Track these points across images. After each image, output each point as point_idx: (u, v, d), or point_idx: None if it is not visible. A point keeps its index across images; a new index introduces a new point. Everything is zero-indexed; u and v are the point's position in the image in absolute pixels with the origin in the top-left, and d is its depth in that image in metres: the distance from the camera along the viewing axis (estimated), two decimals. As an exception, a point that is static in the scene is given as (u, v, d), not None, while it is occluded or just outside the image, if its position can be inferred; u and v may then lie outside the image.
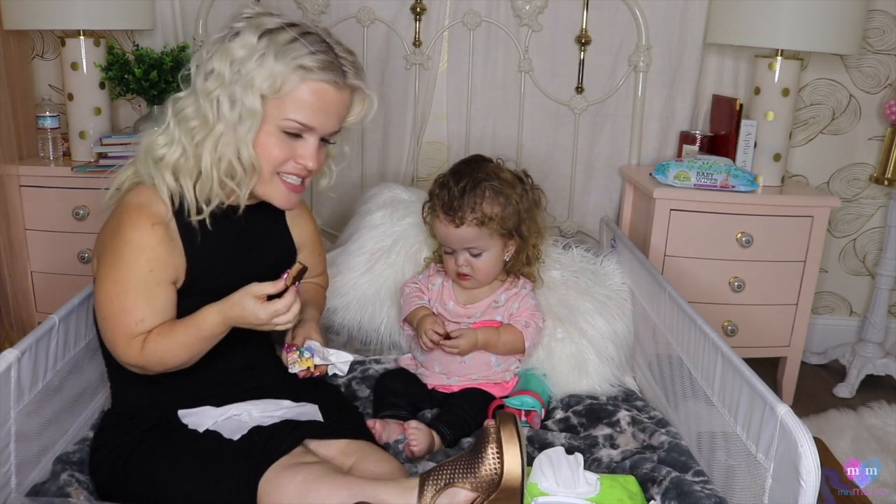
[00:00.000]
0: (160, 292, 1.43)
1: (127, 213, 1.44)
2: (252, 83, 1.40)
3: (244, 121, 1.41)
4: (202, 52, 1.47)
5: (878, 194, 2.88)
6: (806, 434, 1.21)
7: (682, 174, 2.42)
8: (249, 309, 1.39)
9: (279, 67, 1.40)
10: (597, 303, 2.05)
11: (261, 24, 1.43)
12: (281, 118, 1.43)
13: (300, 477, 1.36)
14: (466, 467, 1.32)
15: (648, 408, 1.89)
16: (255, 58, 1.40)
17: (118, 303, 1.41)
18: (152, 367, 1.44)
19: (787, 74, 2.50)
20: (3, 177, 2.42)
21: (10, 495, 1.41)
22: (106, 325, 1.44)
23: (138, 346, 1.42)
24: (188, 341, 1.43)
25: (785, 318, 2.51)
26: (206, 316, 1.42)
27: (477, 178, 1.84)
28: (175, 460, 1.44)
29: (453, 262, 1.89)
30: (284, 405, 1.57)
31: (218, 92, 1.41)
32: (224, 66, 1.41)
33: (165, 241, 1.44)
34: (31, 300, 2.55)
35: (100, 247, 1.48)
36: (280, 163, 1.47)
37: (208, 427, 1.49)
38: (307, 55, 1.41)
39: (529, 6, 2.58)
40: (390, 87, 2.67)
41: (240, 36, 1.42)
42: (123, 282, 1.41)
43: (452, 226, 1.84)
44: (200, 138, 1.43)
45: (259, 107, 1.41)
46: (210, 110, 1.41)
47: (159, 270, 1.43)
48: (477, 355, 1.91)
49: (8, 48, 2.49)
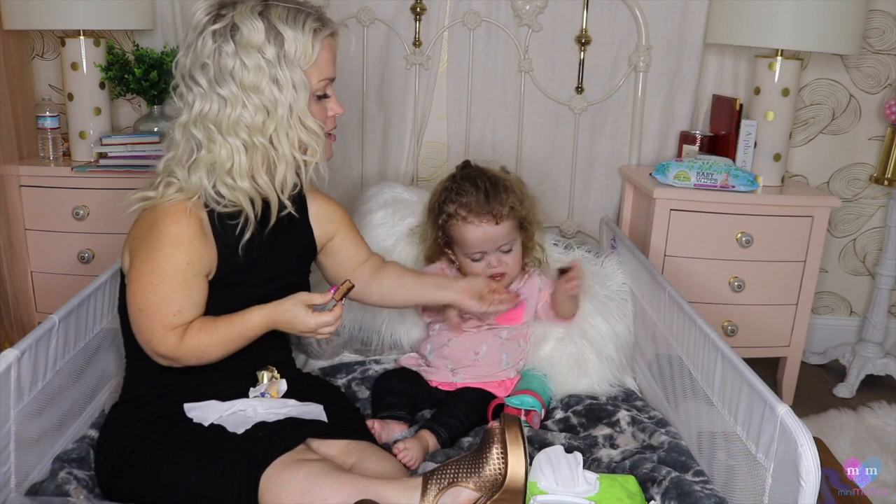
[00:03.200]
0: (196, 284, 1.48)
1: (163, 208, 1.47)
2: (289, 60, 1.47)
3: (298, 95, 1.48)
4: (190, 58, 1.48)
5: (878, 194, 2.88)
6: (806, 434, 1.21)
7: (682, 174, 2.42)
8: (300, 317, 1.48)
9: (300, 37, 1.47)
10: (597, 303, 2.05)
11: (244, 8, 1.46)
12: (315, 83, 1.52)
13: (303, 473, 1.37)
14: (470, 467, 1.32)
15: (648, 408, 1.89)
16: (273, 38, 1.45)
17: (156, 294, 1.44)
18: (188, 360, 1.48)
19: (787, 74, 2.50)
20: (3, 177, 2.42)
21: (9, 495, 1.41)
22: (142, 315, 1.46)
23: (176, 337, 1.46)
24: (230, 338, 1.49)
25: (785, 318, 2.51)
26: (253, 316, 1.49)
27: (490, 177, 1.91)
28: (179, 454, 1.45)
29: (485, 266, 1.91)
30: (290, 403, 1.58)
31: (264, 83, 1.46)
32: (255, 58, 1.45)
33: (201, 235, 1.48)
34: (31, 300, 2.55)
35: (134, 242, 1.50)
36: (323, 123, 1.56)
37: (213, 421, 1.50)
38: (310, 19, 1.49)
39: (529, 6, 2.59)
40: (390, 87, 2.67)
41: (241, 26, 1.45)
42: (161, 273, 1.44)
43: (492, 224, 1.86)
44: (271, 129, 1.48)
45: (304, 77, 1.49)
46: (266, 101, 1.47)
47: (196, 263, 1.47)
48: (490, 351, 1.92)
49: (8, 48, 2.49)
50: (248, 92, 1.46)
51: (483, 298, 1.80)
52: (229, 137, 1.47)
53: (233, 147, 1.47)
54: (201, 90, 1.47)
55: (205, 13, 1.48)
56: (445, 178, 1.98)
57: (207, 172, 1.48)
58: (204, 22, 1.47)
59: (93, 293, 1.70)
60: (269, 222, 1.55)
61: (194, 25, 1.49)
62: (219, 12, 1.48)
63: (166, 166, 1.53)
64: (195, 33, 1.48)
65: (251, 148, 1.48)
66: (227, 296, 1.51)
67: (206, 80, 1.47)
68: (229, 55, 1.45)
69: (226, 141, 1.47)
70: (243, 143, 1.48)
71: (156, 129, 2.58)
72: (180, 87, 1.51)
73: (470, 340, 1.92)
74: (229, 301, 1.52)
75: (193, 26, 1.49)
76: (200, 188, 1.48)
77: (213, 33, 1.46)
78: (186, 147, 1.51)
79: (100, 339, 1.77)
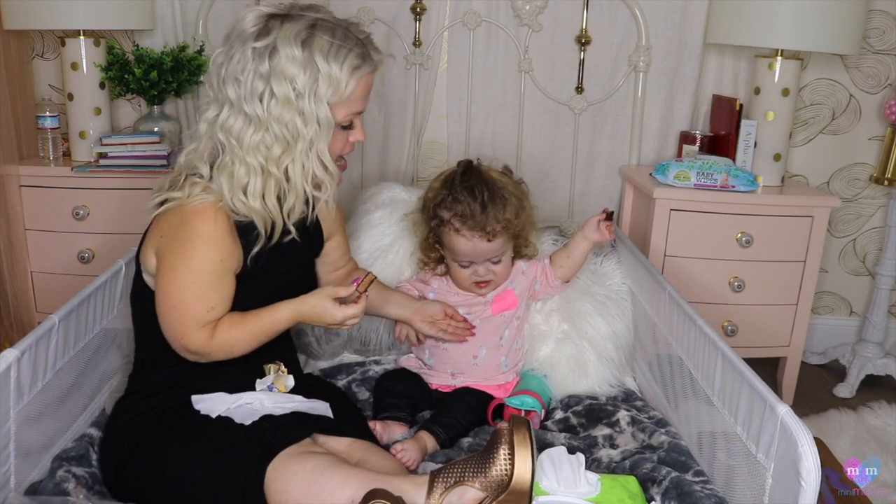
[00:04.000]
0: (228, 281, 1.51)
1: (192, 207, 1.49)
2: (319, 96, 1.47)
3: (321, 133, 1.49)
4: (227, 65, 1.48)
5: (878, 194, 2.88)
6: (806, 434, 1.21)
7: (682, 174, 2.42)
8: (329, 311, 1.54)
9: (336, 74, 1.47)
10: (597, 303, 2.05)
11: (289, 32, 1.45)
12: (342, 114, 1.52)
13: (310, 465, 1.37)
14: (477, 467, 1.33)
15: (648, 408, 1.89)
16: (308, 71, 1.45)
17: (192, 291, 1.46)
18: (217, 355, 1.51)
19: (787, 74, 2.50)
20: (3, 177, 2.42)
21: (9, 494, 1.41)
22: (175, 312, 1.48)
23: (208, 333, 1.48)
24: (259, 333, 1.53)
25: (785, 318, 2.51)
26: (282, 311, 1.54)
27: (490, 187, 1.84)
28: (185, 446, 1.45)
29: (471, 273, 1.89)
30: (296, 399, 1.59)
31: (289, 115, 1.46)
32: (285, 88, 1.45)
33: (231, 233, 1.50)
34: (31, 300, 2.55)
35: (163, 240, 1.50)
36: (339, 152, 1.57)
37: (220, 413, 1.51)
38: (351, 55, 1.48)
39: (529, 6, 2.58)
40: (390, 87, 2.67)
41: (280, 51, 1.45)
42: (197, 271, 1.47)
43: (484, 241, 1.82)
44: (288, 160, 1.50)
45: (331, 116, 1.49)
46: (287, 133, 1.48)
47: (228, 260, 1.50)
48: (489, 355, 1.92)
49: (8, 48, 2.49)
50: (272, 120, 1.47)
51: (434, 324, 1.88)
52: (248, 157, 1.48)
53: (250, 167, 1.49)
54: (229, 102, 1.48)
55: (252, 24, 1.48)
56: (446, 175, 1.92)
57: (228, 184, 1.49)
58: (248, 34, 1.47)
59: (93, 293, 1.70)
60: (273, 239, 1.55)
61: (239, 32, 1.49)
62: (266, 25, 1.47)
63: (188, 161, 1.54)
64: (238, 41, 1.48)
65: (266, 172, 1.49)
66: (243, 287, 1.54)
67: (236, 95, 1.47)
68: (262, 77, 1.45)
69: (245, 159, 1.48)
70: (260, 165, 1.49)
71: (156, 129, 2.58)
72: (214, 85, 1.51)
73: (468, 345, 1.92)
74: (247, 293, 1.54)
75: (238, 33, 1.49)
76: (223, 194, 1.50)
77: (253, 50, 1.45)
78: (209, 143, 1.52)
79: (100, 339, 1.77)
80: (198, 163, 1.52)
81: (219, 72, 1.50)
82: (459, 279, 1.92)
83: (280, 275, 1.60)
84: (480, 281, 1.90)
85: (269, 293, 1.56)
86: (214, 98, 1.52)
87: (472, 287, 1.92)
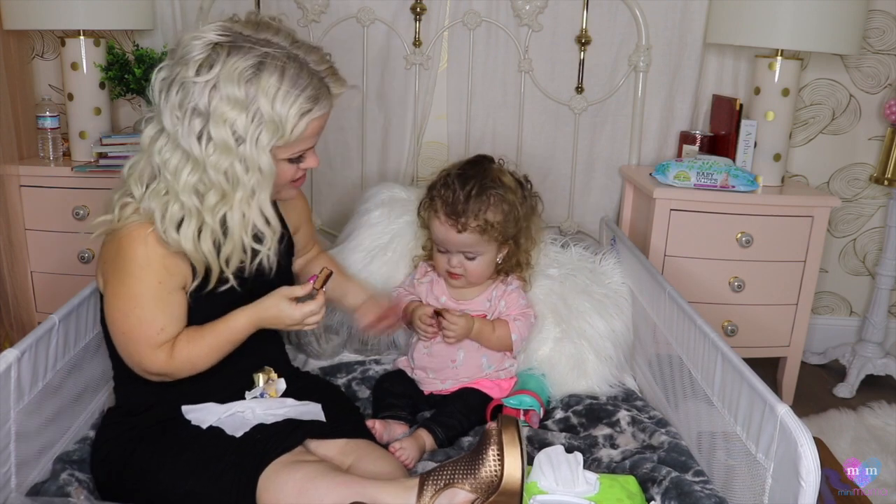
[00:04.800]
0: (173, 300, 1.45)
1: (126, 231, 1.43)
2: (261, 143, 1.38)
3: (262, 183, 1.41)
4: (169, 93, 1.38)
5: (878, 194, 2.87)
6: (806, 434, 1.21)
7: (682, 174, 2.42)
8: (286, 311, 1.47)
9: (282, 118, 1.38)
10: (595, 302, 2.05)
11: (233, 68, 1.34)
12: (288, 154, 1.45)
13: (300, 474, 1.37)
14: (466, 468, 1.32)
15: (648, 408, 1.89)
16: (250, 115, 1.36)
17: (135, 316, 1.43)
18: (181, 373, 1.47)
19: (787, 74, 2.50)
20: (3, 177, 2.42)
21: (10, 495, 1.41)
22: (126, 339, 1.45)
23: (165, 354, 1.44)
24: (219, 344, 1.48)
25: (785, 318, 2.51)
26: (238, 319, 1.48)
27: (484, 184, 1.81)
28: (176, 456, 1.44)
29: (446, 262, 1.88)
30: (288, 403, 1.57)
31: (227, 162, 1.38)
32: (223, 132, 1.36)
33: (169, 252, 1.42)
34: (31, 300, 2.55)
35: (105, 265, 1.47)
36: (290, 179, 1.51)
37: (211, 423, 1.50)
38: (301, 98, 1.39)
39: (529, 6, 2.58)
40: (390, 87, 2.67)
41: (221, 89, 1.35)
42: (136, 297, 1.42)
43: (454, 230, 1.81)
44: (225, 208, 1.41)
45: (272, 164, 1.41)
46: (224, 181, 1.39)
47: (168, 280, 1.44)
48: (468, 358, 1.91)
49: (8, 48, 2.49)
50: (209, 165, 1.37)
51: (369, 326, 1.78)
52: (183, 196, 1.39)
53: (185, 207, 1.40)
54: (167, 133, 1.40)
55: (198, 51, 1.36)
56: (456, 162, 1.93)
57: (160, 213, 1.40)
58: (191, 62, 1.36)
59: (93, 293, 1.69)
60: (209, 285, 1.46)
61: (182, 57, 1.38)
62: (209, 56, 1.36)
63: (128, 176, 1.46)
64: (182, 66, 1.37)
65: (201, 217, 1.40)
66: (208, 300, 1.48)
67: (173, 128, 1.38)
68: (200, 116, 1.36)
69: (179, 197, 1.39)
70: (196, 208, 1.40)
71: (156, 129, 2.57)
72: (155, 100, 1.42)
73: (446, 349, 1.90)
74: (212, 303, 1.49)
75: (181, 56, 1.38)
76: (153, 219, 1.41)
77: (194, 84, 1.35)
78: (148, 162, 1.44)
79: (100, 339, 1.76)
80: (133, 182, 1.44)
81: (160, 92, 1.40)
82: (437, 263, 1.93)
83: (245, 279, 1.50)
84: (452, 272, 1.89)
85: (237, 299, 1.50)
86: (156, 114, 1.42)
87: (446, 276, 1.92)
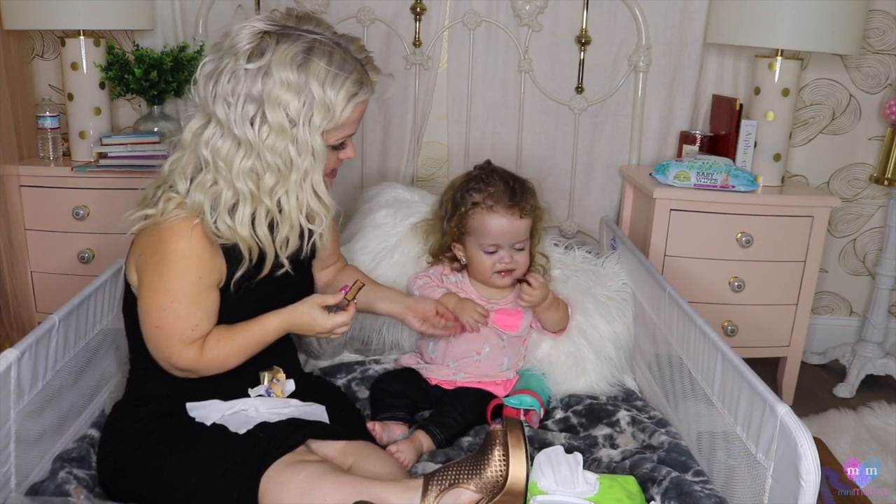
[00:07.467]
0: (209, 297, 1.48)
1: (167, 224, 1.44)
2: (314, 125, 1.43)
3: (316, 164, 1.46)
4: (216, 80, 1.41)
5: (878, 194, 2.87)
6: (806, 434, 1.21)
7: (682, 174, 2.42)
8: (318, 319, 1.52)
9: (332, 101, 1.43)
10: (597, 303, 2.05)
11: (285, 54, 1.39)
12: (333, 139, 1.49)
13: (303, 474, 1.37)
14: (471, 469, 1.33)
15: (648, 408, 1.89)
16: (303, 98, 1.41)
17: (172, 311, 1.44)
18: (208, 370, 1.49)
19: (787, 74, 2.50)
20: (3, 177, 2.42)
21: (9, 495, 1.41)
22: (159, 333, 1.46)
23: (195, 351, 1.47)
24: (249, 345, 1.51)
25: (785, 318, 2.51)
26: (270, 322, 1.52)
27: (515, 177, 1.93)
28: (180, 454, 1.45)
29: (497, 259, 1.90)
30: (292, 403, 1.58)
31: (283, 144, 1.42)
32: (278, 115, 1.41)
33: (209, 248, 1.46)
34: (31, 300, 2.55)
35: (141, 259, 1.48)
36: (331, 168, 1.55)
37: (215, 421, 1.50)
38: (349, 81, 1.45)
39: (529, 6, 2.58)
40: (390, 86, 2.66)
41: (275, 74, 1.39)
42: (174, 291, 1.44)
43: (517, 217, 1.87)
44: (281, 191, 1.45)
45: (324, 145, 1.46)
46: (280, 163, 1.43)
47: (207, 277, 1.46)
48: (492, 353, 1.92)
49: (8, 48, 2.49)
50: (265, 148, 1.42)
51: (426, 320, 1.84)
52: (238, 182, 1.43)
53: (240, 193, 1.44)
54: (217, 120, 1.43)
55: (246, 41, 1.41)
56: (467, 172, 1.99)
57: (211, 204, 1.44)
58: (241, 52, 1.40)
59: (93, 293, 1.70)
60: (263, 271, 1.51)
61: (231, 47, 1.41)
62: (260, 44, 1.41)
63: (171, 172, 1.49)
64: (230, 57, 1.41)
65: (256, 200, 1.44)
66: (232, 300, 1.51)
67: (225, 116, 1.42)
68: (254, 101, 1.40)
69: (234, 184, 1.43)
70: (251, 192, 1.44)
71: (156, 129, 2.58)
72: (201, 95, 1.45)
73: (473, 340, 1.92)
74: (236, 304, 1.52)
75: (230, 47, 1.41)
76: (201, 211, 1.44)
77: (246, 71, 1.39)
78: (192, 157, 1.47)
79: (100, 339, 1.77)
80: (177, 177, 1.46)
81: (206, 84, 1.43)
82: (482, 269, 1.92)
83: (270, 282, 1.55)
84: (503, 269, 1.90)
85: (261, 300, 1.53)
86: (201, 108, 1.45)
87: (494, 278, 1.92)
